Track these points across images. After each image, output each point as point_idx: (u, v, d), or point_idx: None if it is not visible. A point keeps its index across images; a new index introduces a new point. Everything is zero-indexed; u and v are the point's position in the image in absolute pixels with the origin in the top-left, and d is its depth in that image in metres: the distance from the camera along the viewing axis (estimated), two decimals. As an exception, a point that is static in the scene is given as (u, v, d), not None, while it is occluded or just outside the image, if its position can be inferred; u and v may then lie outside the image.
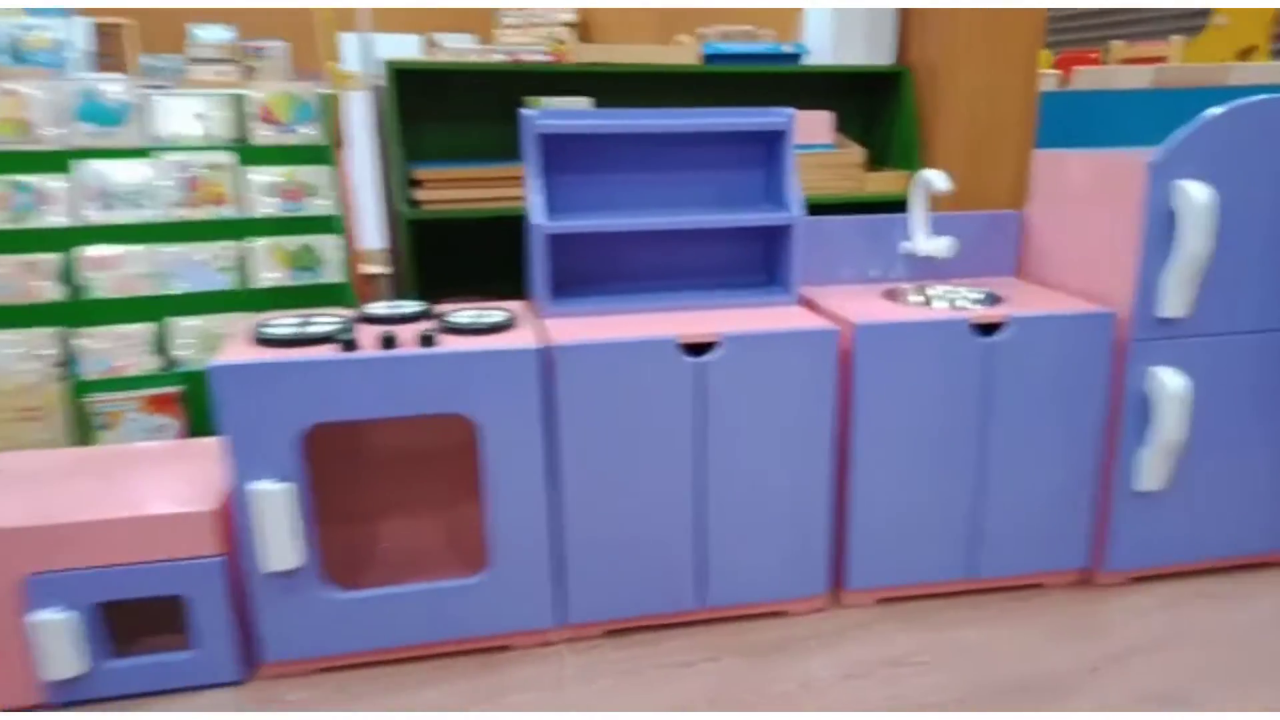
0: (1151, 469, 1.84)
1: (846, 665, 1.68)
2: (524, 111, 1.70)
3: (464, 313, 1.72)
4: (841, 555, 1.84)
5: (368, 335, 1.60)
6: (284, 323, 1.65)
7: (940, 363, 1.74)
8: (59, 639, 1.49)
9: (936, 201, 2.46)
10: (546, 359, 1.59)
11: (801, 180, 2.33)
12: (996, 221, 2.08)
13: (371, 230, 2.63)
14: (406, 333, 1.61)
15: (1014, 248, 2.11)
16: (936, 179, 1.90)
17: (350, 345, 1.51)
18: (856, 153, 2.46)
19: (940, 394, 1.76)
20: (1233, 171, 1.72)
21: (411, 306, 1.76)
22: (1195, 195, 1.68)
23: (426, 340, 1.54)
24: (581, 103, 2.31)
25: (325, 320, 1.67)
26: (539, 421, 1.59)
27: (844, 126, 2.65)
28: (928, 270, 2.07)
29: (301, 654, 1.62)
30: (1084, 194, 1.89)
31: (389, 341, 1.53)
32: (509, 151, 2.47)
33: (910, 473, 1.79)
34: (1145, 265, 1.75)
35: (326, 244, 2.24)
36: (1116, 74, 3.00)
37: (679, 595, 1.76)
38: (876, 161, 2.68)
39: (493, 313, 1.72)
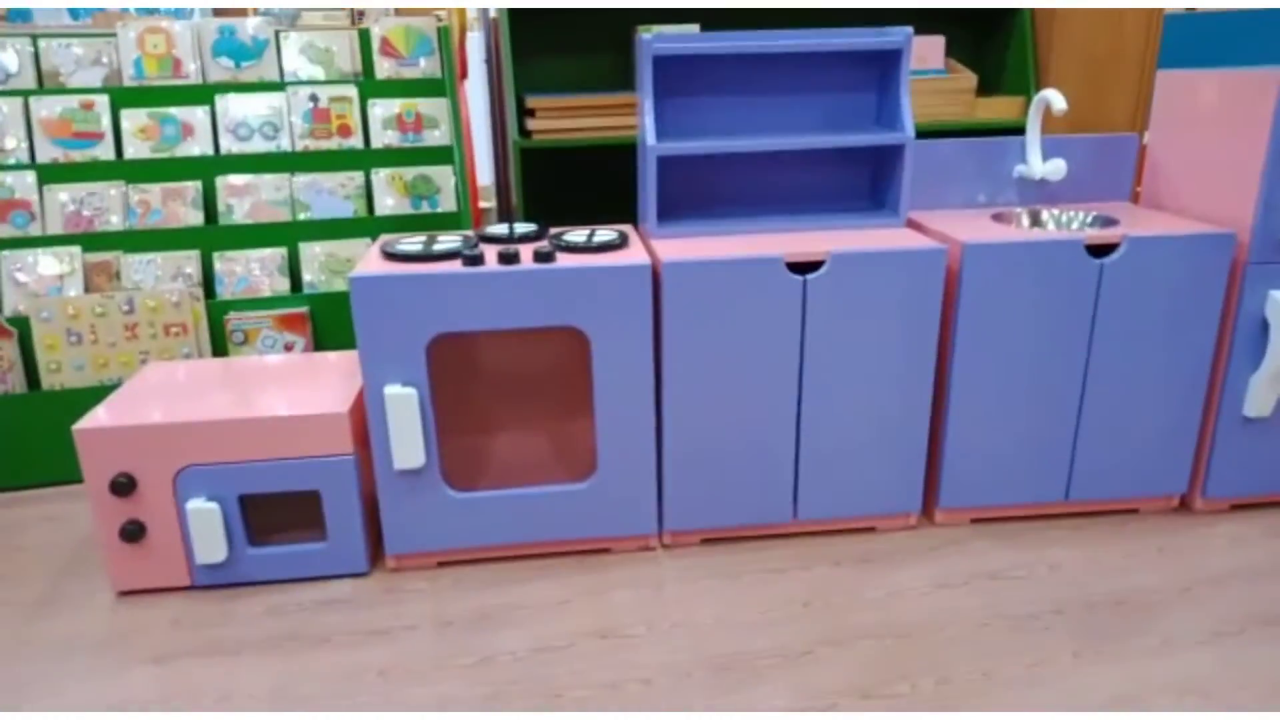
0: (1261, 395, 1.80)
1: (939, 577, 1.73)
2: (640, 35, 1.74)
3: (577, 233, 1.80)
4: (936, 474, 1.87)
5: (488, 253, 1.70)
6: (413, 240, 1.76)
7: (1050, 284, 1.73)
8: (207, 526, 1.65)
9: (1052, 125, 2.41)
10: (656, 275, 1.65)
11: (913, 106, 2.31)
12: (1114, 145, 2.03)
13: (484, 164, 2.73)
14: (524, 251, 1.69)
15: (1131, 172, 2.05)
16: (1055, 98, 1.87)
17: (475, 260, 1.61)
18: (968, 78, 2.42)
19: (1047, 316, 1.75)
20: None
21: (528, 228, 1.85)
22: (1330, 111, 1.62)
23: (544, 257, 1.62)
24: (691, 29, 2.33)
25: (449, 239, 1.77)
26: (648, 336, 1.66)
27: (955, 52, 2.60)
28: (1040, 195, 2.04)
29: (422, 548, 1.75)
30: (1209, 114, 1.83)
31: (509, 258, 1.62)
32: (619, 82, 2.52)
33: (1010, 394, 1.80)
34: (1269, 185, 1.70)
35: (444, 174, 2.35)
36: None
37: (774, 508, 1.82)
38: (988, 88, 2.62)
39: (604, 232, 1.79)
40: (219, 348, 2.20)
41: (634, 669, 1.49)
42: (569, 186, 2.58)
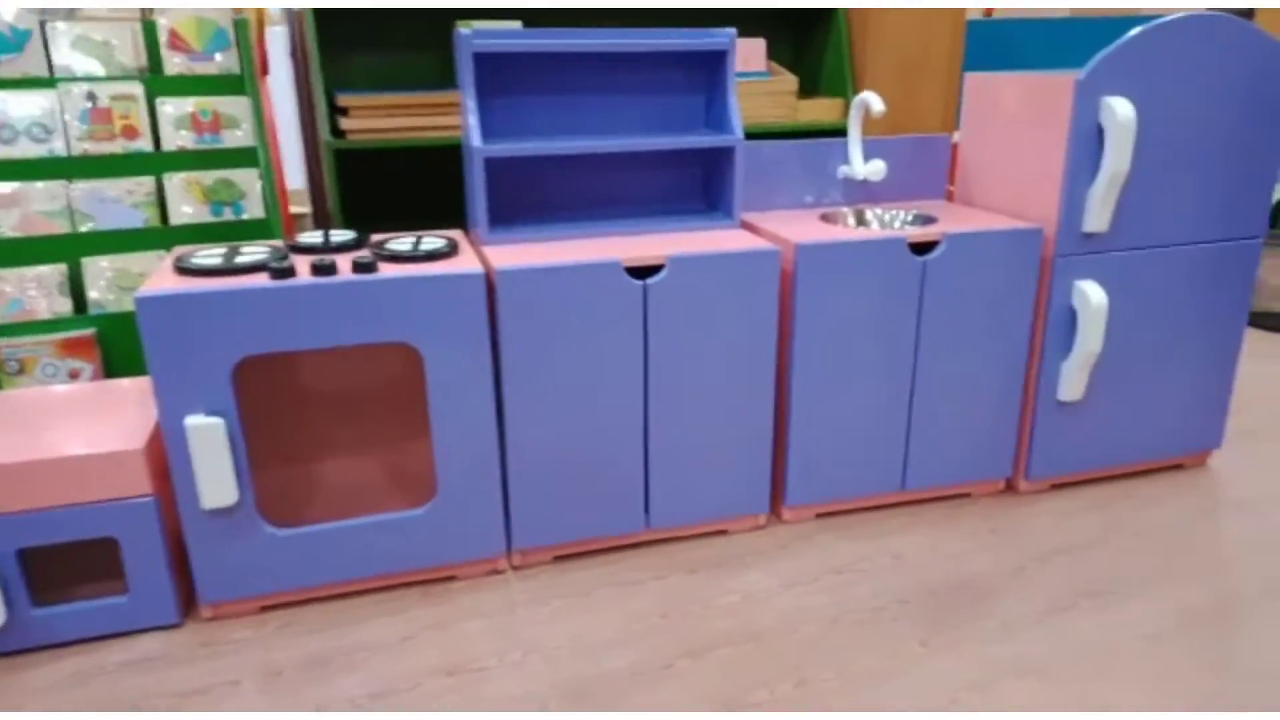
0: (1072, 380, 1.92)
1: (789, 576, 1.73)
2: (459, 31, 1.64)
3: (401, 241, 1.68)
4: (782, 473, 1.88)
5: (301, 264, 1.55)
6: (210, 253, 1.58)
7: (878, 280, 1.77)
8: (-20, 588, 1.42)
9: (870, 126, 2.50)
10: (490, 284, 1.56)
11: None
12: (927, 145, 2.11)
13: (294, 167, 2.53)
14: (343, 261, 1.56)
15: (944, 171, 2.14)
16: (874, 100, 1.92)
17: (284, 273, 1.46)
18: (790, 80, 2.46)
19: (876, 311, 1.79)
20: (1154, 88, 1.77)
21: (345, 236, 1.71)
22: (1120, 110, 1.73)
23: (364, 267, 1.49)
24: (514, 25, 2.25)
25: (255, 251, 1.60)
26: (484, 347, 1.57)
27: (775, 54, 2.65)
28: (861, 195, 2.09)
29: (242, 593, 1.58)
30: (1013, 114, 1.93)
31: (325, 269, 1.48)
32: (440, 80, 2.39)
33: (846, 390, 1.83)
34: (1070, 182, 1.81)
35: (249, 178, 2.14)
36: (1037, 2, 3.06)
37: (626, 518, 1.77)
38: (808, 89, 2.69)
39: (431, 240, 1.68)
40: (-13, 380, 1.92)
41: (485, 705, 1.39)
42: (390, 190, 2.44)
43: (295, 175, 2.94)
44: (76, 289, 2.02)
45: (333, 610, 1.63)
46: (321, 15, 2.19)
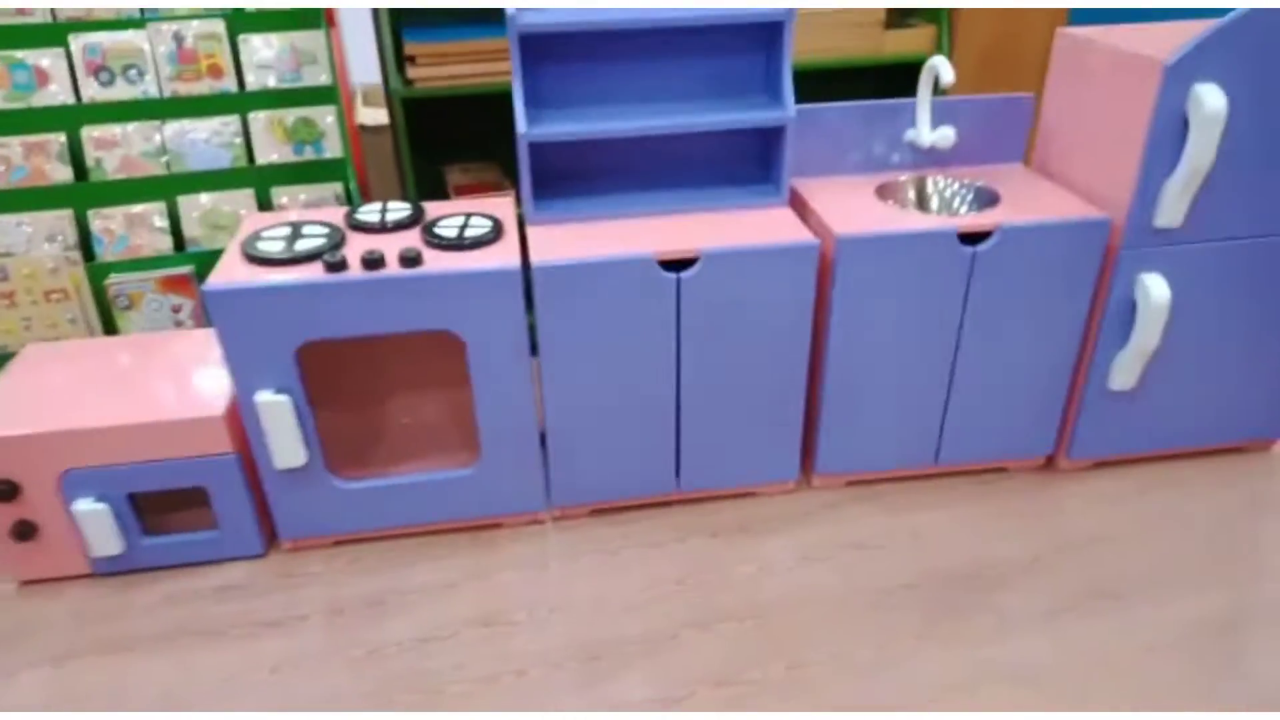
0: (1126, 370, 1.87)
1: (806, 548, 1.84)
2: (507, 10, 1.63)
3: (451, 221, 1.75)
4: (812, 441, 1.94)
5: (356, 249, 1.66)
6: (275, 234, 1.70)
7: (922, 271, 1.74)
8: (97, 525, 1.68)
9: (965, 62, 2.33)
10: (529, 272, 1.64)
11: (814, 42, 2.24)
12: (1009, 106, 1.98)
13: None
14: (392, 248, 1.65)
15: (1024, 134, 2.02)
16: (944, 69, 1.81)
17: (336, 266, 1.57)
18: (874, 10, 2.31)
19: (920, 299, 1.78)
20: (1249, 76, 1.62)
21: (400, 211, 1.80)
22: (1209, 101, 1.59)
23: (409, 261, 1.59)
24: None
25: (315, 231, 1.71)
26: (523, 333, 1.67)
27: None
28: (930, 159, 2.01)
29: (315, 532, 1.81)
30: (1099, 85, 1.79)
31: (373, 263, 1.58)
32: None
33: (885, 366, 1.85)
34: (1147, 173, 1.69)
35: (325, 117, 2.23)
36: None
37: (657, 480, 1.89)
38: (900, 15, 2.51)
39: (478, 221, 1.75)
40: (104, 311, 2.15)
41: (511, 660, 1.60)
42: (457, 121, 2.48)
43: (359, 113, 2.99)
44: (175, 227, 2.19)
45: (392, 550, 1.85)
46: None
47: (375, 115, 2.86)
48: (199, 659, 1.61)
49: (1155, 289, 1.76)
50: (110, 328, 2.17)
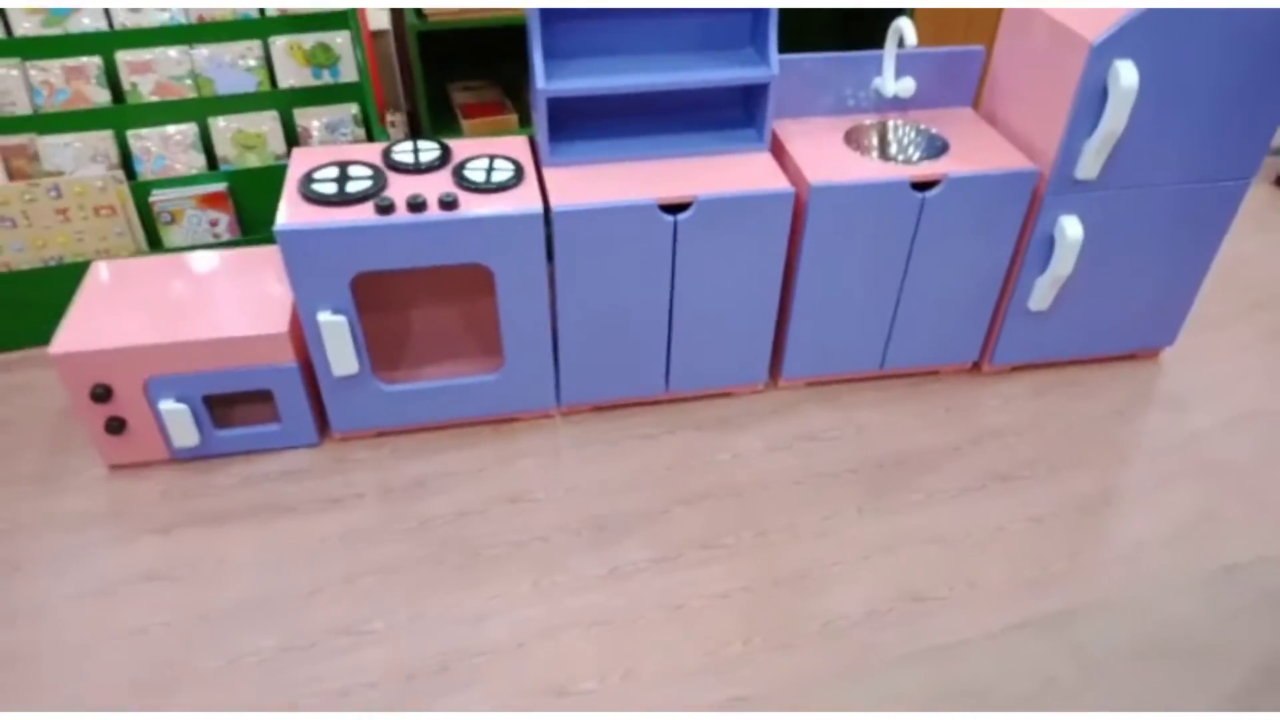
0: (1042, 294, 2.25)
1: (771, 439, 2.23)
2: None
3: (477, 164, 2.01)
4: (780, 349, 2.31)
5: (397, 190, 1.92)
6: (325, 175, 1.94)
7: (879, 214, 2.06)
8: (178, 421, 2.00)
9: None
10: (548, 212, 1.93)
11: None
12: (964, 57, 2.26)
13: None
14: (429, 190, 1.92)
15: (974, 82, 2.30)
16: (908, 31, 2.07)
17: (386, 209, 1.84)
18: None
19: (876, 234, 2.10)
20: (1165, 51, 1.91)
21: (430, 151, 2.04)
22: (1125, 77, 1.90)
23: (447, 205, 1.86)
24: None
25: (361, 173, 1.95)
26: (542, 264, 1.97)
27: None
28: (895, 102, 2.29)
29: (362, 425, 2.15)
30: (1039, 50, 2.07)
31: (417, 206, 1.85)
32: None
33: (843, 288, 2.19)
34: (1070, 134, 2.01)
35: (343, 42, 2.40)
36: None
37: (650, 382, 2.25)
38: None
39: (501, 165, 2.01)
40: (148, 225, 2.38)
41: (535, 530, 1.99)
42: (470, 46, 2.66)
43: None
44: (207, 147, 2.39)
45: (427, 440, 2.20)
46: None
47: (376, 19, 2.99)
48: (280, 530, 1.97)
49: (1070, 229, 2.11)
50: (153, 240, 2.40)
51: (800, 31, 3.00)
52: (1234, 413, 2.35)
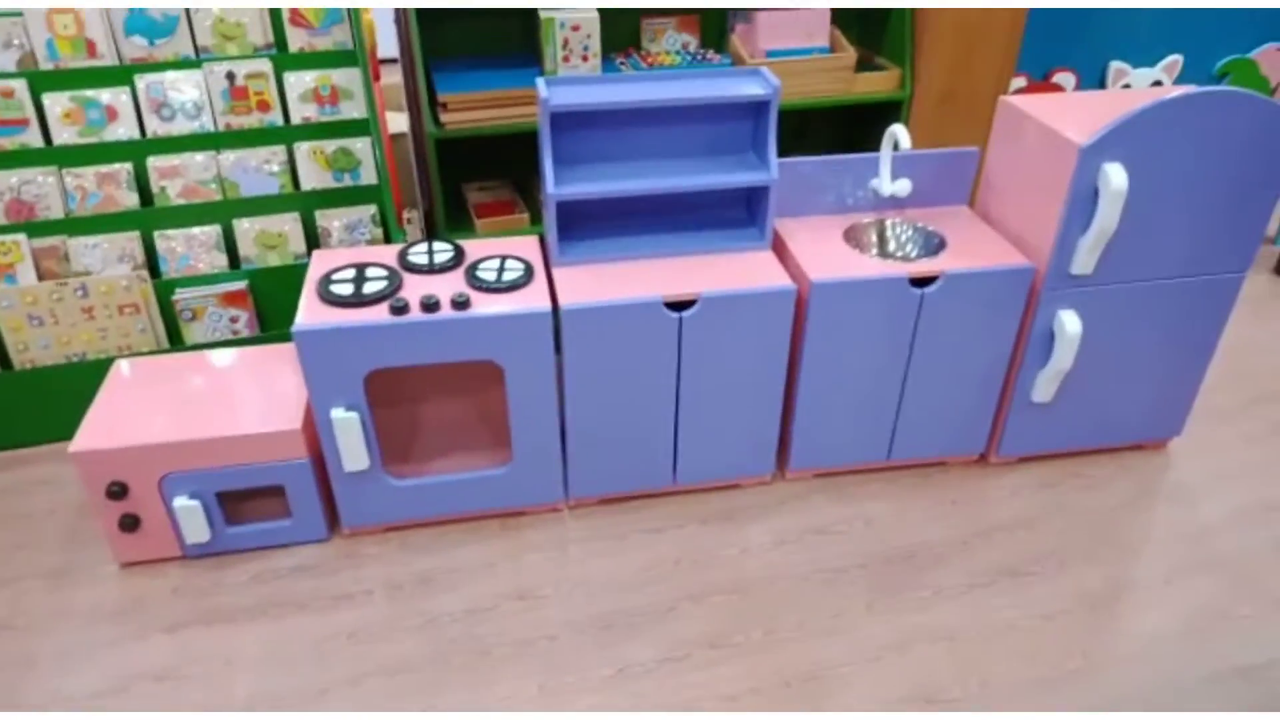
0: (1045, 387, 2.27)
1: (780, 532, 2.23)
2: (540, 93, 1.94)
3: (489, 264, 2.08)
4: (787, 442, 2.33)
5: (411, 291, 1.98)
6: (343, 277, 2.01)
7: (880, 309, 2.11)
8: (191, 518, 2.03)
9: (925, 96, 2.68)
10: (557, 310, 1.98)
11: (795, 83, 2.58)
12: (958, 159, 2.34)
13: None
14: (443, 290, 1.98)
15: (969, 181, 2.38)
16: (902, 136, 2.15)
17: (400, 310, 1.90)
18: (848, 56, 2.62)
19: (878, 329, 2.15)
20: (1154, 154, 1.97)
21: (444, 252, 2.11)
22: (1114, 179, 1.96)
23: (460, 305, 1.92)
24: (591, 13, 2.46)
25: (377, 274, 2.02)
26: (551, 361, 2.01)
27: (840, 17, 2.77)
28: (892, 201, 2.36)
29: (372, 521, 2.17)
30: (1030, 152, 2.14)
31: (430, 306, 1.91)
32: (523, 41, 2.64)
33: (847, 381, 2.22)
34: (1065, 232, 2.06)
35: (363, 147, 2.51)
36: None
37: (657, 475, 2.27)
38: (868, 46, 2.82)
39: (513, 265, 2.08)
40: (170, 323, 2.45)
41: (543, 628, 1.98)
42: (484, 152, 2.78)
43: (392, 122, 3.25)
44: (230, 247, 2.48)
45: (436, 534, 2.21)
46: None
47: (396, 122, 3.12)
48: (289, 627, 1.97)
49: (1069, 323, 2.15)
50: (174, 336, 2.47)
51: (800, 132, 3.11)
52: (1244, 505, 2.34)
